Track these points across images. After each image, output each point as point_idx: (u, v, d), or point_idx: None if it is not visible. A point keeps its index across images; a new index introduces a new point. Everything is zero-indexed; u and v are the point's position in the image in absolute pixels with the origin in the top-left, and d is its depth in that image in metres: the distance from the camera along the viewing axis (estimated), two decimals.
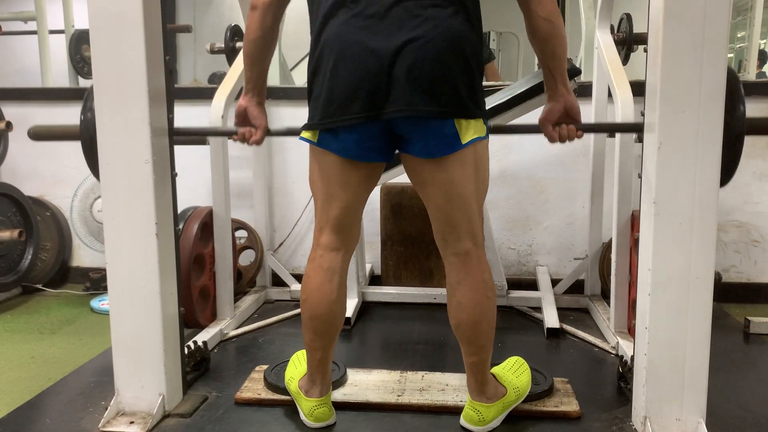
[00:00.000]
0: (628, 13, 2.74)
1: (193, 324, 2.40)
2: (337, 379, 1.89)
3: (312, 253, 1.67)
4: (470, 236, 1.57)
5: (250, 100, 1.71)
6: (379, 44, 1.41)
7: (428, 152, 1.49)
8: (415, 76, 1.40)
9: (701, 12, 1.47)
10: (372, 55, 1.41)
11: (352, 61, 1.43)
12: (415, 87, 1.40)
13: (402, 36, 1.40)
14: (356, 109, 1.44)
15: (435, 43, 1.40)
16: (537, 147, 3.04)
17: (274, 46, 1.65)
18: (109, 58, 1.64)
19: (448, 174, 1.51)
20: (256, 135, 1.74)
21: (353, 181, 1.58)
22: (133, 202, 1.68)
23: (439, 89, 1.41)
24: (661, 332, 1.59)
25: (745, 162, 2.89)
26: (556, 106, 1.63)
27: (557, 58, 1.55)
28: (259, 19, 1.58)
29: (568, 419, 1.75)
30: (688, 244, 1.55)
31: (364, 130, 1.48)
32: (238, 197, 3.05)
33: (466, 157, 1.50)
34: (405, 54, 1.40)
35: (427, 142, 1.48)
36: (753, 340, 2.47)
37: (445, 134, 1.46)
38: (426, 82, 1.40)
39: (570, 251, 3.09)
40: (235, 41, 2.95)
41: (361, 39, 1.42)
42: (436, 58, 1.40)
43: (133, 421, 1.70)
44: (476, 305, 1.58)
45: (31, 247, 3.10)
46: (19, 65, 4.88)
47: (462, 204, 1.54)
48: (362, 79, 1.42)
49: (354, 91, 1.43)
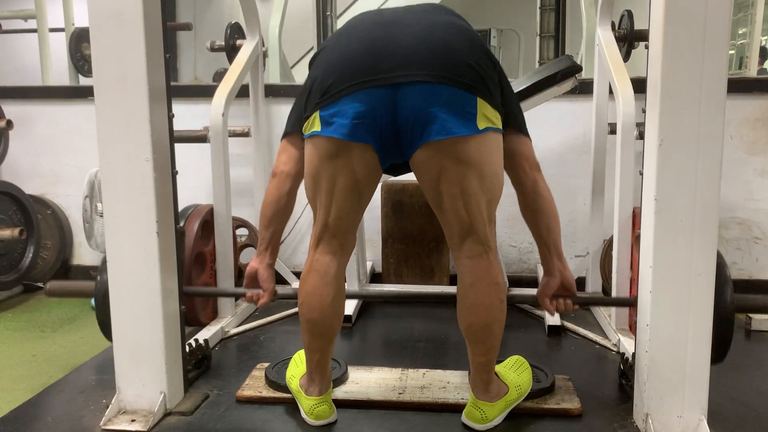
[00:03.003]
0: (629, 9, 2.73)
1: (194, 322, 2.40)
2: (338, 377, 1.89)
3: (308, 257, 1.65)
4: (484, 238, 1.56)
5: (261, 262, 1.74)
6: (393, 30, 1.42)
7: (447, 130, 1.39)
8: (443, 51, 1.39)
9: (702, 8, 1.47)
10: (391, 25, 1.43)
11: (363, 31, 1.44)
12: (442, 58, 1.39)
13: (414, 28, 1.42)
14: (365, 73, 1.38)
15: (462, 33, 1.45)
16: (537, 144, 2.99)
17: (290, 210, 1.71)
18: (110, 56, 1.64)
19: (467, 159, 1.43)
20: (263, 298, 1.77)
21: (350, 179, 1.50)
22: (134, 200, 1.68)
23: (467, 66, 1.40)
24: (663, 329, 1.59)
25: (747, 159, 2.90)
26: (552, 281, 1.67)
27: (552, 233, 1.61)
28: (277, 185, 1.65)
29: (570, 417, 1.75)
30: (690, 241, 1.55)
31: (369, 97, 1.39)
32: (238, 195, 3.04)
33: (483, 145, 1.44)
34: (433, 31, 1.42)
35: (446, 119, 1.39)
36: (754, 337, 2.47)
37: (466, 111, 1.40)
38: (453, 56, 1.40)
39: (571, 248, 3.09)
40: (235, 39, 2.94)
41: (375, 36, 1.43)
42: (463, 42, 1.43)
43: (134, 419, 1.70)
44: (489, 307, 1.58)
45: (32, 245, 3.10)
46: (19, 63, 4.88)
47: (475, 204, 1.50)
48: (373, 44, 1.39)
49: (364, 56, 1.39)
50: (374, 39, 1.40)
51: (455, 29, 1.46)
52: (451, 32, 1.44)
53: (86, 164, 3.12)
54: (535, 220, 1.61)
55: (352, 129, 1.42)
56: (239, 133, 2.87)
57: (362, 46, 1.40)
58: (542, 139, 3.02)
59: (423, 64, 1.38)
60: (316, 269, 1.62)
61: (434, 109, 1.39)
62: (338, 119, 1.42)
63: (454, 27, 1.46)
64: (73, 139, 3.30)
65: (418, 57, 1.38)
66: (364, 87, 1.38)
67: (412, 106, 1.40)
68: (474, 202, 1.50)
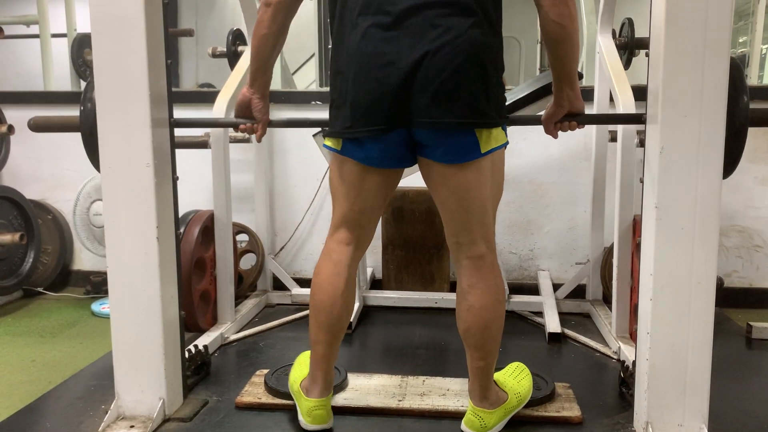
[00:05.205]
0: (630, 17, 2.74)
1: (194, 328, 2.40)
2: (337, 384, 1.88)
3: (324, 247, 1.70)
4: (484, 240, 1.58)
5: (254, 93, 1.71)
6: (399, 56, 1.41)
7: (448, 159, 1.50)
8: (434, 88, 1.40)
9: (703, 17, 1.47)
10: (392, 67, 1.42)
11: (373, 73, 1.44)
12: (435, 98, 1.41)
13: (422, 47, 1.40)
14: (378, 120, 1.45)
15: (454, 54, 1.40)
16: (538, 151, 3.03)
17: (282, 43, 1.64)
18: (111, 62, 1.64)
19: (466, 180, 1.51)
20: (258, 130, 1.74)
21: (373, 186, 1.60)
22: (135, 205, 1.68)
23: (459, 100, 1.42)
24: (663, 337, 1.58)
25: (747, 167, 2.90)
26: (560, 110, 1.62)
27: (565, 63, 1.54)
28: (271, 16, 1.57)
29: (570, 424, 1.75)
30: (690, 249, 1.55)
31: (387, 139, 1.50)
32: (239, 201, 3.05)
33: (485, 165, 1.52)
34: (425, 66, 1.40)
35: (448, 150, 1.49)
36: (755, 345, 2.46)
37: (465, 143, 1.47)
38: (445, 93, 1.41)
39: (571, 256, 3.09)
40: (237, 45, 2.95)
41: (382, 50, 1.43)
42: (455, 69, 1.40)
43: (133, 425, 1.69)
44: (488, 309, 1.58)
45: (32, 250, 3.10)
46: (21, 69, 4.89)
47: (477, 209, 1.54)
48: (384, 92, 1.43)
49: (376, 102, 1.44)
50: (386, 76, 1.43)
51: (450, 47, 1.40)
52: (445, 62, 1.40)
53: (87, 170, 3.12)
54: (550, 46, 1.51)
55: (375, 160, 1.56)
56: (240, 139, 2.87)
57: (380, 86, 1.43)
58: (543, 147, 3.03)
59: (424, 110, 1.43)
60: (331, 258, 1.66)
61: (440, 140, 1.48)
62: (361, 152, 1.55)
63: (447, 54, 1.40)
64: (74, 144, 3.28)
65: (425, 104, 1.42)
66: (379, 134, 1.48)
67: (421, 137, 1.50)
68: (475, 210, 1.55)
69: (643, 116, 1.64)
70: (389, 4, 1.43)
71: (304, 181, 3.14)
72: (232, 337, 2.47)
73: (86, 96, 1.95)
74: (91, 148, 1.94)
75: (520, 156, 3.05)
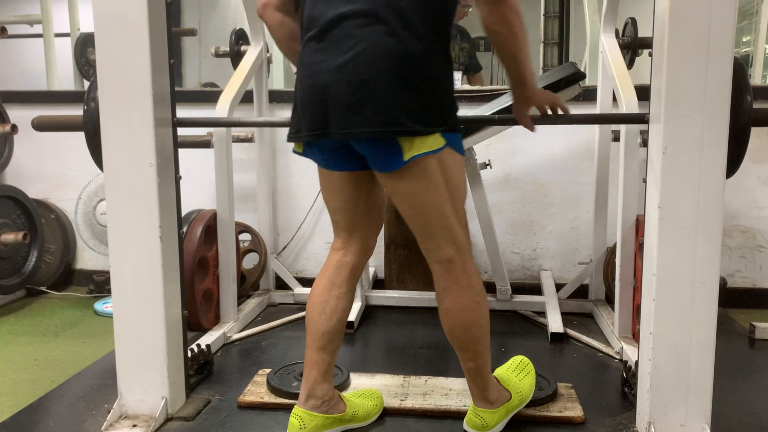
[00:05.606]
0: (633, 17, 2.74)
1: (197, 327, 2.40)
2: (340, 383, 1.89)
3: None
4: (450, 243, 1.54)
5: None
6: (322, 66, 1.44)
7: (379, 167, 1.51)
8: (345, 99, 1.41)
9: (706, 16, 1.47)
10: (317, 77, 1.45)
11: (305, 82, 1.48)
12: (347, 108, 1.41)
13: (338, 59, 1.42)
14: (308, 128, 1.49)
15: (363, 65, 1.39)
16: (541, 151, 3.03)
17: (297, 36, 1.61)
18: (114, 62, 1.64)
19: (407, 187, 1.49)
20: None
21: (341, 186, 1.63)
22: (137, 205, 1.68)
23: (367, 110, 1.39)
24: (666, 337, 1.58)
25: (751, 167, 2.90)
26: (521, 106, 1.62)
27: (510, 65, 1.52)
28: (273, 26, 1.66)
29: (572, 424, 1.74)
30: (693, 249, 1.54)
31: (323, 145, 1.54)
32: (241, 200, 3.05)
33: (418, 171, 1.46)
34: (339, 77, 1.41)
35: (375, 159, 1.49)
36: (758, 345, 2.46)
37: (387, 152, 1.45)
38: (355, 103, 1.40)
39: (574, 256, 3.08)
40: (240, 45, 2.96)
41: (313, 61, 1.47)
42: (363, 80, 1.39)
43: (135, 425, 1.70)
44: (464, 311, 1.56)
45: (35, 249, 3.10)
46: (24, 68, 4.90)
47: (431, 214, 1.51)
48: (311, 101, 1.47)
49: (307, 111, 1.49)
50: (312, 86, 1.46)
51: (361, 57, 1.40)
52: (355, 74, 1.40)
53: (90, 169, 3.12)
54: (495, 49, 1.49)
55: (331, 163, 1.60)
56: (243, 138, 2.87)
57: (310, 95, 1.47)
58: (546, 146, 3.03)
59: (338, 120, 1.43)
60: (326, 266, 1.68)
61: (366, 149, 1.49)
62: (313, 155, 1.60)
63: (358, 65, 1.40)
64: (77, 143, 3.29)
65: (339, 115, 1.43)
66: (317, 139, 1.51)
67: (353, 145, 1.51)
68: (430, 215, 1.52)
69: (646, 116, 1.64)
70: (319, 16, 1.46)
71: (306, 181, 3.14)
72: (234, 337, 2.47)
73: (89, 95, 1.95)
74: (94, 147, 1.94)
75: (523, 155, 3.05)
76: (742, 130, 1.78)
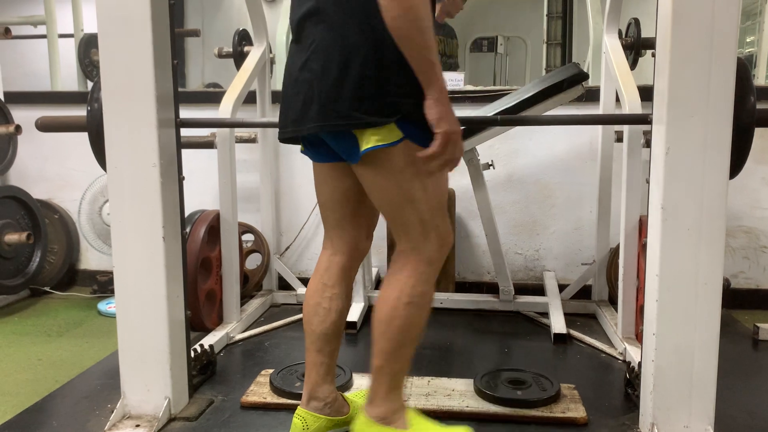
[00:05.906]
0: (636, 17, 2.73)
1: (200, 327, 2.40)
2: (342, 384, 1.89)
3: None
4: (407, 239, 1.51)
5: None
6: (293, 68, 1.51)
7: (347, 159, 1.51)
8: (303, 97, 1.46)
9: (710, 16, 1.47)
10: (289, 78, 1.53)
11: (283, 83, 1.56)
12: (304, 104, 1.46)
13: (302, 59, 1.47)
14: (281, 125, 1.56)
15: (315, 62, 1.43)
16: (544, 151, 3.03)
17: None
18: (118, 62, 1.65)
19: (365, 179, 1.51)
20: None
21: (324, 177, 1.65)
22: (141, 205, 1.69)
23: (319, 105, 1.42)
24: (669, 338, 1.58)
25: (754, 167, 2.89)
26: None
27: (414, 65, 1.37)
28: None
29: (575, 425, 1.74)
30: (696, 250, 1.54)
31: (305, 141, 1.59)
32: (245, 201, 3.05)
33: (374, 164, 1.44)
34: (300, 76, 1.47)
35: (341, 151, 1.50)
36: (762, 346, 2.45)
37: (344, 144, 1.46)
38: (310, 99, 1.44)
39: (577, 256, 3.08)
40: (243, 45, 2.96)
41: (289, 63, 1.54)
42: (313, 77, 1.43)
43: (138, 425, 1.70)
44: (387, 302, 1.49)
45: (39, 249, 3.11)
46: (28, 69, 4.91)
47: (388, 208, 1.51)
48: (284, 101, 1.55)
49: (282, 110, 1.56)
50: (285, 86, 1.55)
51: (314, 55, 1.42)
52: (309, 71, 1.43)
53: (93, 169, 3.13)
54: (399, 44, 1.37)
55: (313, 156, 1.62)
56: (246, 139, 2.87)
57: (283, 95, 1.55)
58: (549, 146, 3.03)
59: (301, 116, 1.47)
60: (317, 267, 1.68)
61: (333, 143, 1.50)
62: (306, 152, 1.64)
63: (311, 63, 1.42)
64: (81, 144, 3.30)
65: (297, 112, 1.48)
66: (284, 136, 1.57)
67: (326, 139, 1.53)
68: (391, 208, 1.51)
69: (649, 116, 1.64)
70: (292, 20, 1.52)
71: (309, 181, 3.10)
72: (237, 337, 2.47)
73: (93, 96, 1.96)
74: (97, 148, 1.95)
75: (526, 156, 3.05)
76: (746, 130, 1.78)
